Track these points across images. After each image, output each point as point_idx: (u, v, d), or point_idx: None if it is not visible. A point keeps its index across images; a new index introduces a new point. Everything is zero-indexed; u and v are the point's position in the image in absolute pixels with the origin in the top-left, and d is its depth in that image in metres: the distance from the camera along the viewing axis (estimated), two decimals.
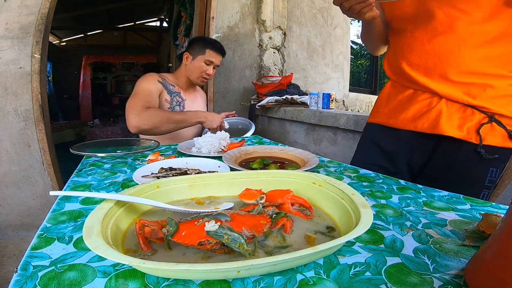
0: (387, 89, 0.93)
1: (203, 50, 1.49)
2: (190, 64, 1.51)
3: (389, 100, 0.90)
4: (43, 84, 1.74)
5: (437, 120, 0.77)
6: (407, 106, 0.83)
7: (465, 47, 0.72)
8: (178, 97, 1.49)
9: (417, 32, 0.79)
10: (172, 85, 1.49)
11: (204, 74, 1.51)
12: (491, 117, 0.72)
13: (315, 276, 0.32)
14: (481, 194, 0.75)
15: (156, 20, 7.02)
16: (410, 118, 0.82)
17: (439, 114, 0.77)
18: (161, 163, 0.76)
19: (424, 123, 0.79)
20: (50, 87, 6.00)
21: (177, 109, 1.48)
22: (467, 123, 0.74)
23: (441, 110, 0.77)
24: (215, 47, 1.51)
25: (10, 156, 1.72)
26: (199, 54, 1.49)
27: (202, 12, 2.33)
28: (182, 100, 1.51)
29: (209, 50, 1.49)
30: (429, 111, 0.79)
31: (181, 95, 1.52)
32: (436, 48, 0.76)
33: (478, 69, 0.72)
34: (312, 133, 1.82)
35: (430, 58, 0.77)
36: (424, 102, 0.80)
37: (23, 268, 0.33)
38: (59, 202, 0.52)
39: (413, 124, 0.81)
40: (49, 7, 1.67)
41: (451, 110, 0.76)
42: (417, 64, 0.80)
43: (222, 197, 0.52)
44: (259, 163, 0.79)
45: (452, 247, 0.39)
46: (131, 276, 0.32)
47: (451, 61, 0.74)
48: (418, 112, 0.81)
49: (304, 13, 2.58)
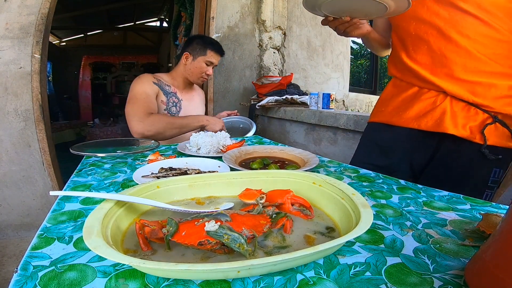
0: (389, 88, 0.93)
1: (204, 51, 1.47)
2: (191, 64, 1.48)
3: (392, 99, 0.90)
4: (43, 84, 1.74)
5: (441, 118, 0.77)
6: (411, 104, 0.83)
7: (472, 47, 0.72)
8: (174, 98, 1.48)
9: (421, 32, 0.79)
10: (167, 86, 1.47)
11: (204, 74, 1.50)
12: (495, 117, 0.72)
13: (315, 276, 0.32)
14: (484, 194, 0.75)
15: (156, 20, 7.02)
16: (414, 116, 0.82)
17: (443, 113, 0.77)
18: (161, 163, 0.75)
19: (428, 121, 0.79)
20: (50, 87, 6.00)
21: (173, 110, 1.46)
22: (471, 122, 0.74)
23: (445, 108, 0.77)
24: (216, 48, 1.50)
25: (10, 156, 1.72)
26: (200, 55, 1.47)
27: (202, 12, 2.33)
28: (179, 101, 1.49)
29: (210, 51, 1.48)
30: (434, 109, 0.78)
31: (177, 95, 1.50)
32: (442, 48, 0.76)
33: (485, 68, 0.72)
34: (312, 133, 1.82)
35: (436, 57, 0.77)
36: (428, 101, 0.80)
37: (23, 268, 0.33)
38: (59, 202, 0.52)
39: (417, 122, 0.81)
40: (49, 7, 1.67)
41: (455, 109, 0.76)
42: (424, 62, 0.80)
43: (222, 197, 0.52)
44: (259, 163, 0.79)
45: (452, 247, 0.39)
46: (131, 276, 0.32)
47: (457, 60, 0.74)
48: (422, 110, 0.81)
49: (304, 13, 2.58)
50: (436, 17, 0.75)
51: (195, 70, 1.48)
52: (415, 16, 0.79)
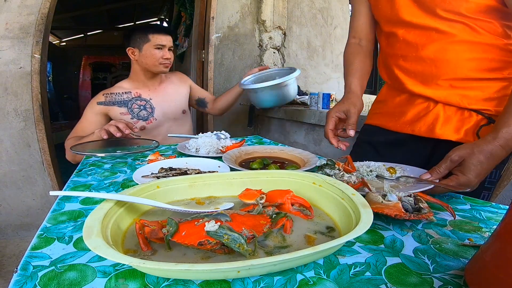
0: (384, 91, 0.92)
1: (146, 38, 1.36)
2: (140, 57, 1.37)
3: (386, 101, 0.90)
4: (43, 84, 1.74)
5: (433, 124, 0.76)
6: (405, 109, 0.83)
7: (462, 54, 0.72)
8: (139, 101, 1.39)
9: (409, 38, 0.77)
10: (126, 93, 1.38)
11: (162, 60, 1.37)
12: (489, 118, 0.72)
13: (315, 276, 0.32)
14: (481, 195, 0.75)
15: (156, 20, 7.02)
16: (408, 121, 0.82)
17: (436, 118, 0.76)
18: (161, 163, 0.75)
19: (422, 126, 0.79)
20: (50, 87, 6.00)
21: (143, 114, 1.38)
22: (465, 125, 0.74)
23: (438, 113, 0.76)
24: (156, 29, 1.38)
25: (10, 156, 1.72)
26: (144, 43, 1.36)
27: (202, 12, 2.33)
28: (147, 101, 1.40)
29: (152, 34, 1.36)
30: (427, 114, 0.78)
31: (143, 97, 1.40)
32: (431, 55, 0.74)
33: (475, 75, 0.72)
34: (312, 133, 1.82)
35: (426, 66, 0.76)
36: (421, 106, 0.80)
37: (23, 268, 0.33)
38: (59, 202, 0.52)
39: (411, 127, 0.81)
40: (49, 7, 1.67)
41: (448, 113, 0.76)
42: (413, 71, 0.79)
43: (222, 197, 0.52)
44: (259, 163, 0.79)
45: (452, 247, 0.39)
46: (131, 276, 0.32)
47: (448, 68, 0.73)
48: (416, 115, 0.80)
49: (304, 13, 2.58)
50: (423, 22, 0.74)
51: (147, 60, 1.37)
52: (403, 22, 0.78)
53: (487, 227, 0.45)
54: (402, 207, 0.44)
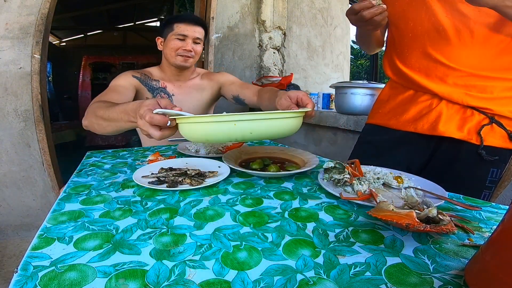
0: (387, 90, 0.93)
1: (171, 27, 1.26)
2: (164, 46, 1.29)
3: (389, 100, 0.90)
4: (43, 84, 1.74)
5: (436, 121, 0.77)
6: (407, 107, 0.83)
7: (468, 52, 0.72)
8: (163, 94, 1.30)
9: (419, 35, 0.78)
10: (155, 81, 1.30)
11: (181, 51, 1.25)
12: (491, 118, 0.72)
13: (315, 276, 0.32)
14: (482, 194, 0.75)
15: (156, 20, 7.02)
16: (410, 119, 0.82)
17: (439, 116, 0.77)
18: (161, 163, 0.76)
19: (424, 124, 0.79)
20: (50, 87, 6.00)
21: None
22: (467, 123, 0.74)
23: (441, 111, 0.77)
24: (182, 18, 1.27)
25: (10, 156, 1.72)
26: (168, 33, 1.27)
27: (202, 12, 2.33)
28: (169, 96, 1.31)
29: (177, 23, 1.26)
30: (429, 112, 0.79)
31: (167, 90, 1.31)
32: (438, 53, 0.75)
33: (480, 73, 0.72)
34: (312, 133, 1.82)
35: (431, 62, 0.77)
36: (424, 103, 0.80)
37: (23, 268, 0.33)
38: (59, 202, 0.52)
39: (413, 125, 0.81)
40: (49, 7, 1.67)
41: (451, 111, 0.76)
42: (418, 67, 0.80)
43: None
44: (259, 163, 0.79)
45: (452, 247, 0.39)
46: (131, 276, 0.32)
47: (453, 65, 0.74)
48: (419, 113, 0.81)
49: (304, 13, 2.58)
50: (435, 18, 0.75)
51: (166, 50, 1.28)
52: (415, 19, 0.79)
53: (487, 227, 0.45)
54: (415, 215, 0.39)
